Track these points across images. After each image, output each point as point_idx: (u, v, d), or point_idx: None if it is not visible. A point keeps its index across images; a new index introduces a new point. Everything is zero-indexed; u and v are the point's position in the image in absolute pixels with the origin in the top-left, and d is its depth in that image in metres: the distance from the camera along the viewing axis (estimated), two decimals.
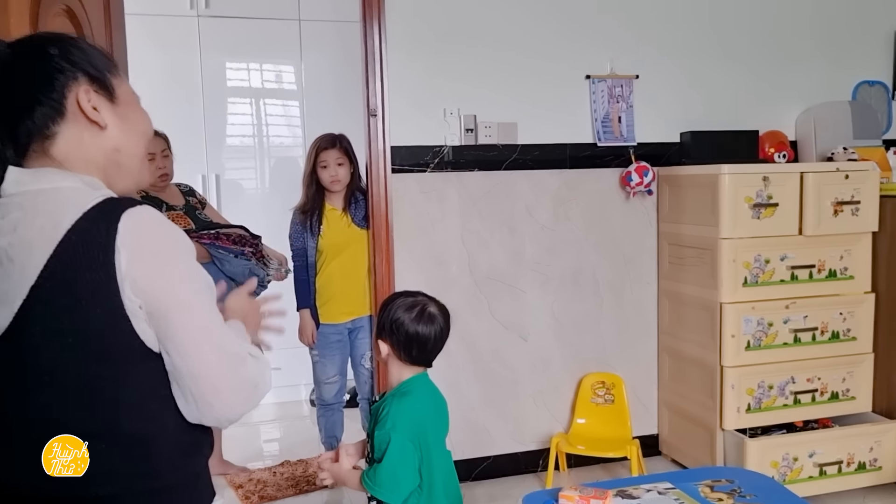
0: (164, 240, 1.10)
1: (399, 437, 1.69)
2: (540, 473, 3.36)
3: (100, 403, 1.07)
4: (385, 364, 1.85)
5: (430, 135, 3.13)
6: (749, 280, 3.03)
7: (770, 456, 3.01)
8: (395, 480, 1.70)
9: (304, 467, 3.49)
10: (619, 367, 3.44)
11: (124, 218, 1.04)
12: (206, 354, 1.10)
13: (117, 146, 1.17)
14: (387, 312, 1.81)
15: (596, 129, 3.31)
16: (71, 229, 1.03)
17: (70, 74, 1.12)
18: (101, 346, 1.04)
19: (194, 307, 1.11)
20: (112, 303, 1.03)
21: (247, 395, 1.15)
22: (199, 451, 1.20)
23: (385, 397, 1.81)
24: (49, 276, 1.02)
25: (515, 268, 3.29)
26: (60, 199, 1.07)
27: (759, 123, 3.49)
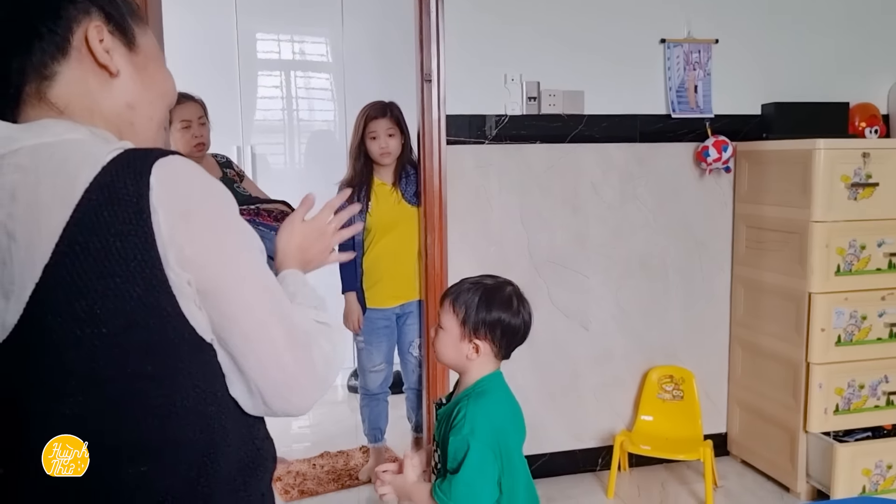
0: (211, 197, 0.86)
1: (478, 445, 1.45)
2: (599, 473, 3.10)
3: (147, 410, 0.83)
4: (462, 363, 1.58)
5: (488, 103, 2.86)
6: (842, 268, 2.72)
7: (861, 463, 2.73)
8: (474, 494, 1.46)
9: (345, 460, 3.27)
10: (688, 360, 3.16)
11: (156, 169, 0.79)
12: (276, 339, 0.87)
13: (131, 102, 0.93)
14: (482, 311, 1.53)
15: (670, 98, 3.01)
16: (90, 187, 0.78)
17: (81, 6, 0.88)
18: (143, 336, 0.80)
19: (256, 280, 0.87)
20: (154, 277, 0.78)
21: (323, 379, 0.93)
22: (263, 465, 0.96)
23: (458, 398, 1.55)
24: (68, 248, 0.77)
25: (578, 251, 3.01)
26: (70, 153, 0.82)
27: (848, 95, 3.16)
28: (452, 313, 1.54)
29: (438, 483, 1.49)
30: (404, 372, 3.14)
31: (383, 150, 2.88)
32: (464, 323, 1.53)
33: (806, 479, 2.83)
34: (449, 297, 1.58)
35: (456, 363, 1.58)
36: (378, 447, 3.12)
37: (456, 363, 1.58)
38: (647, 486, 3.03)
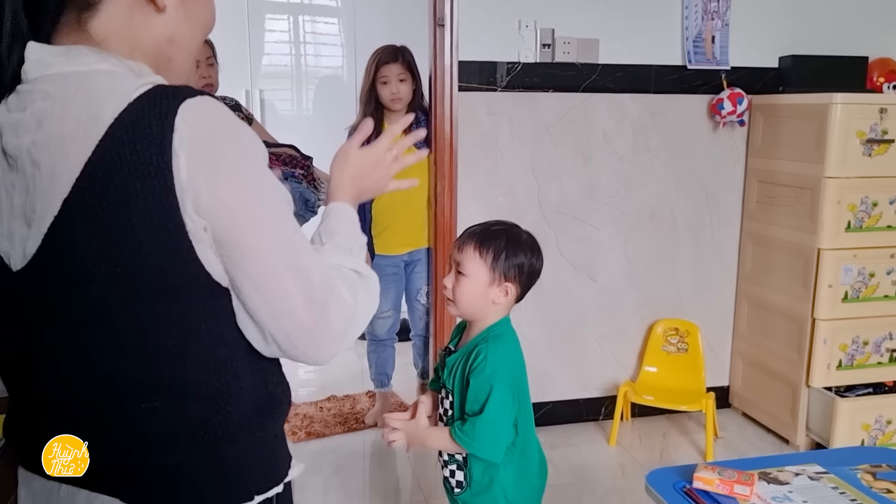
0: (237, 141, 0.82)
1: (500, 386, 1.46)
2: (602, 422, 3.15)
3: (159, 350, 0.83)
4: (483, 309, 1.56)
5: (502, 50, 2.81)
6: (853, 224, 2.71)
7: (861, 418, 2.76)
8: (497, 434, 1.47)
9: (351, 403, 3.32)
10: (693, 314, 3.17)
11: (183, 110, 0.76)
12: (291, 293, 0.84)
13: (172, 36, 0.89)
14: (511, 254, 1.52)
15: (686, 49, 2.96)
16: (114, 124, 0.76)
17: None
18: (158, 277, 0.79)
19: (274, 230, 0.84)
20: (171, 220, 0.77)
21: (341, 334, 0.90)
22: (278, 408, 0.96)
23: (474, 342, 1.55)
24: (88, 185, 0.76)
25: (588, 202, 3.00)
26: (98, 85, 0.80)
27: (867, 49, 3.10)
28: (479, 258, 1.51)
29: (458, 426, 1.49)
30: (412, 319, 3.17)
31: (394, 96, 2.85)
32: (493, 267, 1.51)
33: (805, 433, 2.87)
34: (472, 241, 1.53)
35: (477, 309, 1.55)
36: (384, 392, 3.17)
37: (477, 309, 1.55)
38: (649, 435, 3.07)
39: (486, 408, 1.44)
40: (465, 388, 1.51)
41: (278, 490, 0.97)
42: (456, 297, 1.54)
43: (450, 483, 1.60)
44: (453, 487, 1.59)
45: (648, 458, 2.87)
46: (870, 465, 1.31)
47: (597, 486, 2.69)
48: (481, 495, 1.55)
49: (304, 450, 2.93)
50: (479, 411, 1.45)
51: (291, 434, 3.01)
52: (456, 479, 1.59)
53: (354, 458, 2.90)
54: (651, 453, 2.92)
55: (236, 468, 0.91)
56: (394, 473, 2.82)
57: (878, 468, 1.30)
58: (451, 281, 1.54)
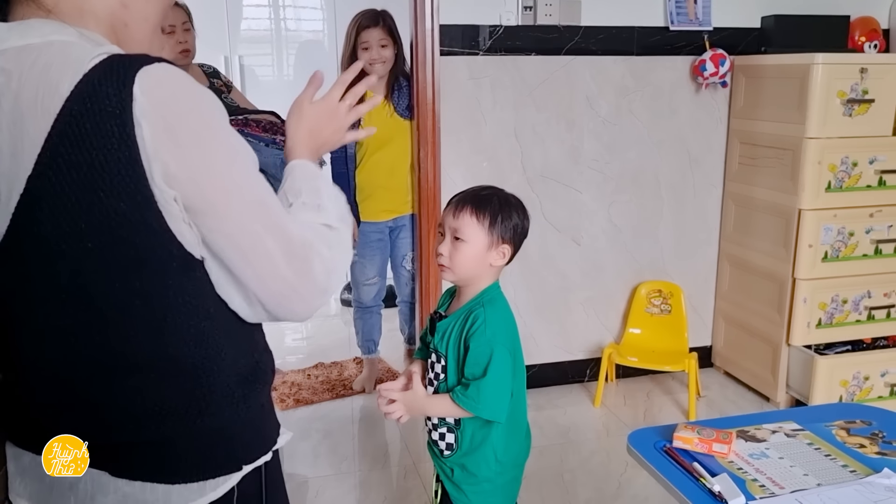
0: (198, 106, 0.81)
1: (500, 348, 1.47)
2: (587, 384, 3.20)
3: (137, 326, 0.83)
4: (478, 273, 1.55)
5: (483, 12, 2.78)
6: (833, 185, 2.74)
7: (839, 374, 2.82)
8: (502, 394, 1.49)
9: (339, 370, 3.35)
10: (676, 275, 3.21)
11: (140, 78, 0.75)
12: (273, 252, 0.84)
13: (125, 1, 0.88)
14: (506, 216, 1.53)
15: (669, 9, 2.94)
16: (70, 97, 0.74)
17: None
18: (131, 251, 0.79)
19: (246, 191, 0.84)
20: (139, 192, 0.76)
21: (324, 286, 0.91)
22: (262, 377, 0.97)
23: (470, 306, 1.55)
24: (51, 161, 0.75)
25: (572, 166, 3.00)
26: (53, 57, 0.78)
27: (848, 8, 3.09)
28: (477, 222, 1.51)
29: (461, 391, 1.49)
30: (397, 285, 3.18)
31: (375, 60, 2.82)
32: (491, 230, 1.51)
33: (786, 390, 2.93)
34: (467, 206, 1.52)
35: (474, 274, 1.55)
36: (371, 358, 3.19)
37: (474, 274, 1.55)
38: (633, 395, 3.12)
39: (490, 370, 1.45)
40: (460, 352, 1.52)
41: (266, 458, 0.98)
42: (454, 263, 1.53)
43: (438, 447, 1.62)
44: (442, 451, 1.61)
45: (633, 419, 2.92)
46: (844, 422, 1.34)
47: (582, 447, 2.74)
48: (471, 455, 1.57)
49: (293, 417, 2.95)
50: (483, 374, 1.46)
51: (279, 402, 3.04)
52: (446, 441, 1.60)
53: (343, 424, 2.93)
54: (635, 413, 2.98)
55: (222, 439, 0.92)
56: (382, 438, 2.86)
57: (852, 424, 1.33)
58: (447, 248, 1.53)
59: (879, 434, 1.29)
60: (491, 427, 1.54)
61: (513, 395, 1.55)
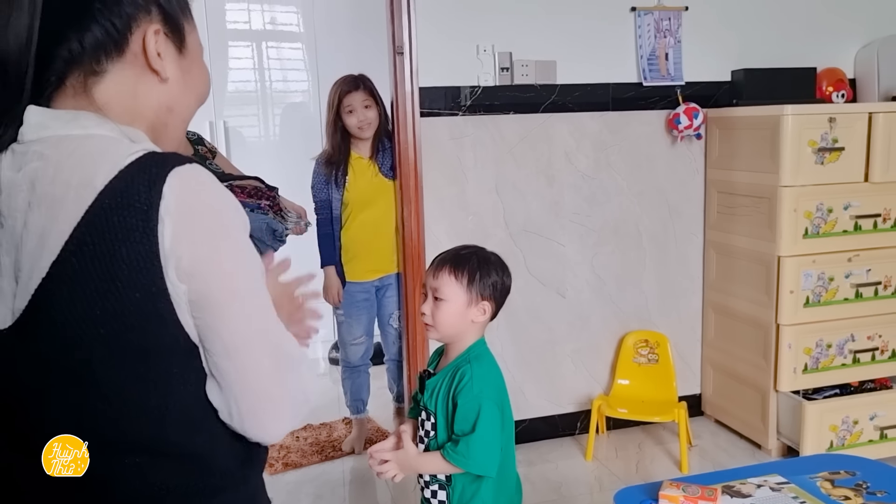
0: (220, 210, 0.85)
1: (489, 404, 1.51)
2: (578, 437, 3.18)
3: (140, 411, 0.84)
4: (461, 330, 1.61)
5: (461, 74, 2.86)
6: (810, 231, 2.79)
7: (829, 419, 2.82)
8: (491, 450, 1.52)
9: (328, 432, 3.31)
10: (662, 325, 3.23)
11: (171, 178, 0.79)
12: (261, 359, 0.86)
13: (172, 105, 0.92)
14: (485, 273, 1.60)
15: (641, 66, 3.03)
16: (104, 190, 0.78)
17: (142, 4, 0.86)
18: (141, 339, 0.81)
19: (249, 299, 0.87)
20: (154, 285, 0.79)
21: (298, 408, 0.93)
22: (256, 458, 0.98)
23: (456, 364, 1.60)
24: (76, 248, 0.77)
25: (553, 219, 3.05)
26: (92, 150, 0.81)
27: (815, 60, 3.20)
28: (456, 281, 1.58)
29: (451, 447, 1.52)
30: (385, 343, 3.18)
31: (362, 123, 2.87)
32: (469, 288, 1.58)
33: (777, 437, 2.93)
34: (445, 266, 1.60)
35: (457, 331, 1.61)
36: (361, 418, 3.17)
37: (457, 331, 1.61)
38: (625, 447, 3.11)
39: (478, 426, 1.49)
40: (449, 409, 1.55)
41: None
42: (437, 322, 1.59)
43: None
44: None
45: (625, 472, 2.90)
46: (828, 473, 1.35)
47: (575, 502, 2.71)
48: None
49: (282, 481, 2.91)
50: (472, 430, 1.49)
51: (268, 466, 3.00)
52: (438, 499, 1.63)
53: (333, 486, 2.89)
54: (627, 466, 2.96)
55: None
56: (374, 500, 2.82)
57: (837, 475, 1.34)
58: (430, 307, 1.60)
59: (864, 485, 1.29)
60: (481, 482, 1.57)
61: (501, 450, 1.57)
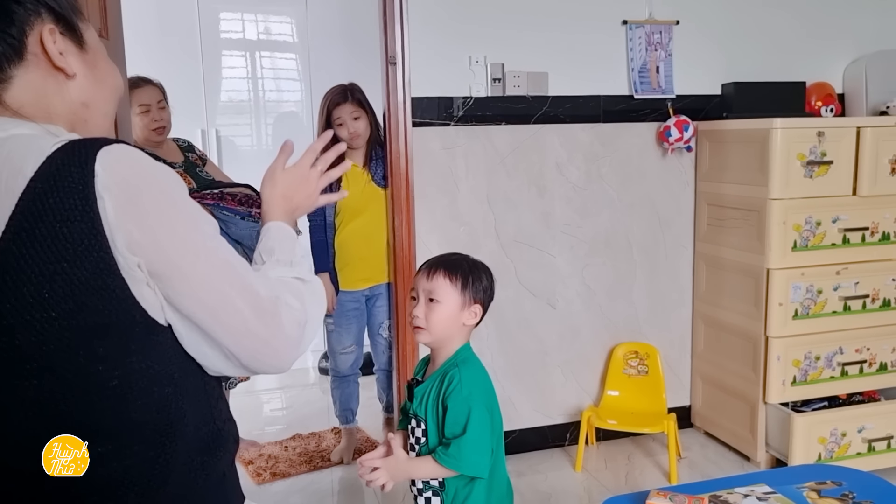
0: (157, 180, 0.87)
1: (478, 406, 1.52)
2: (568, 448, 3.17)
3: (100, 392, 0.85)
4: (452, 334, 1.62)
5: (453, 85, 2.87)
6: (799, 244, 2.80)
7: (817, 431, 2.83)
8: (481, 451, 1.52)
9: (316, 441, 3.30)
10: (652, 336, 3.23)
11: (101, 156, 0.82)
12: (242, 310, 0.89)
13: (86, 100, 0.96)
14: (477, 277, 1.63)
15: (632, 79, 3.05)
16: (34, 177, 0.80)
17: (32, 9, 0.90)
18: (92, 318, 0.82)
19: (210, 253, 0.89)
20: (102, 261, 0.81)
21: (296, 339, 0.96)
22: (223, 446, 0.98)
23: (444, 369, 1.61)
24: (13, 236, 0.79)
25: (544, 230, 3.05)
26: (16, 147, 0.84)
27: (804, 74, 3.23)
28: (451, 284, 1.60)
29: (442, 451, 1.53)
30: (375, 353, 3.17)
31: (353, 134, 2.88)
32: (463, 291, 1.60)
33: (765, 449, 2.93)
34: (440, 269, 1.61)
35: (447, 334, 1.61)
36: (350, 428, 3.16)
37: (447, 334, 1.61)
38: (614, 458, 3.10)
39: (469, 427, 1.50)
40: (439, 413, 1.56)
41: None
42: (430, 324, 1.60)
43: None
44: None
45: (614, 483, 2.90)
46: (815, 483, 1.35)
47: None
48: None
49: (269, 491, 2.89)
50: (462, 432, 1.50)
51: (256, 475, 2.98)
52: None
53: (321, 496, 2.87)
54: (616, 477, 2.95)
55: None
56: None
57: (823, 485, 1.34)
58: (423, 309, 1.61)
59: (850, 495, 1.30)
60: (473, 484, 1.58)
61: (492, 451, 1.58)
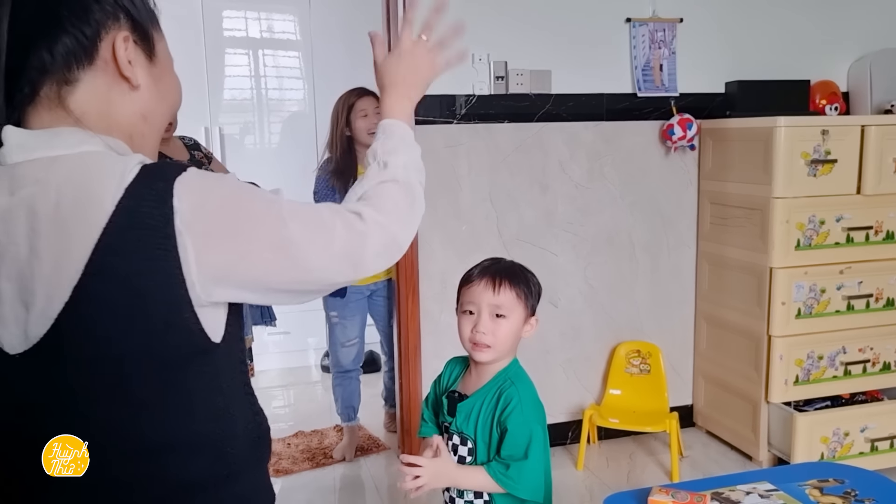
0: (230, 207, 0.84)
1: (539, 429, 1.45)
2: (569, 446, 3.17)
3: (168, 414, 0.86)
4: (509, 349, 1.53)
5: (456, 83, 2.86)
6: (802, 243, 2.80)
7: (820, 431, 2.82)
8: (540, 476, 1.46)
9: (319, 439, 3.30)
10: (654, 335, 3.23)
11: (177, 191, 0.80)
12: (332, 251, 0.90)
13: (146, 113, 0.92)
14: (534, 286, 1.56)
15: (636, 77, 3.05)
16: (116, 211, 0.79)
17: (111, 11, 0.87)
18: (166, 350, 0.83)
19: (283, 234, 0.87)
20: (178, 296, 0.81)
21: (388, 248, 0.96)
22: (264, 436, 1.01)
23: (496, 385, 1.52)
24: (97, 271, 0.78)
25: (547, 229, 3.05)
26: (88, 169, 0.82)
27: (808, 72, 3.22)
28: (516, 297, 1.51)
29: (501, 469, 1.45)
30: (387, 343, 3.19)
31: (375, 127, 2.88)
32: (526, 303, 1.52)
33: (768, 448, 2.93)
34: (505, 280, 1.52)
35: (506, 351, 1.53)
36: (352, 426, 3.16)
37: (506, 351, 1.53)
38: (616, 457, 3.10)
39: (531, 452, 1.42)
40: (494, 434, 1.48)
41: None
42: (497, 340, 1.50)
43: None
44: None
45: (616, 481, 2.89)
46: (817, 481, 1.35)
47: None
48: None
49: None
50: (524, 456, 1.43)
51: None
52: None
53: (324, 494, 2.88)
54: (618, 476, 2.95)
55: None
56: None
57: (826, 483, 1.34)
58: (489, 325, 1.49)
59: (852, 493, 1.29)
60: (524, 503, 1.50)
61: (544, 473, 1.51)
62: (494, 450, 1.48)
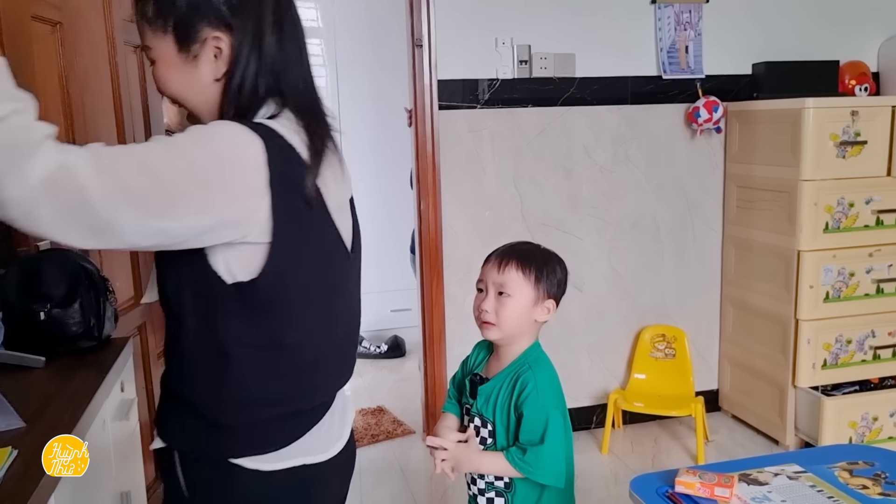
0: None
1: (557, 414, 1.44)
2: (594, 430, 3.18)
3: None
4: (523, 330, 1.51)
5: (480, 67, 2.86)
6: (831, 226, 2.76)
7: (848, 416, 2.80)
8: (559, 460, 1.45)
9: None
10: (679, 319, 3.22)
11: None
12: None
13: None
14: (552, 271, 1.52)
15: (661, 60, 3.02)
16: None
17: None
18: None
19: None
20: None
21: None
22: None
23: (515, 369, 1.51)
24: None
25: (571, 213, 3.04)
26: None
27: (838, 53, 3.17)
28: (523, 277, 1.49)
29: (518, 455, 1.45)
30: None
31: None
32: (536, 285, 1.50)
33: (794, 433, 2.91)
34: (513, 261, 1.51)
35: (518, 331, 1.51)
36: None
37: (518, 331, 1.51)
38: (641, 441, 3.10)
39: (547, 437, 1.42)
40: (512, 419, 1.48)
41: None
42: (500, 319, 1.49)
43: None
44: None
45: (640, 465, 2.90)
46: (846, 463, 1.34)
47: (591, 495, 2.71)
48: None
49: None
50: (541, 441, 1.43)
51: None
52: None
53: None
54: (643, 460, 2.95)
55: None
56: (389, 490, 2.84)
57: (855, 465, 1.33)
58: (492, 303, 1.50)
59: (882, 475, 1.29)
60: (544, 488, 1.50)
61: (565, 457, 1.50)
62: (513, 434, 1.48)
